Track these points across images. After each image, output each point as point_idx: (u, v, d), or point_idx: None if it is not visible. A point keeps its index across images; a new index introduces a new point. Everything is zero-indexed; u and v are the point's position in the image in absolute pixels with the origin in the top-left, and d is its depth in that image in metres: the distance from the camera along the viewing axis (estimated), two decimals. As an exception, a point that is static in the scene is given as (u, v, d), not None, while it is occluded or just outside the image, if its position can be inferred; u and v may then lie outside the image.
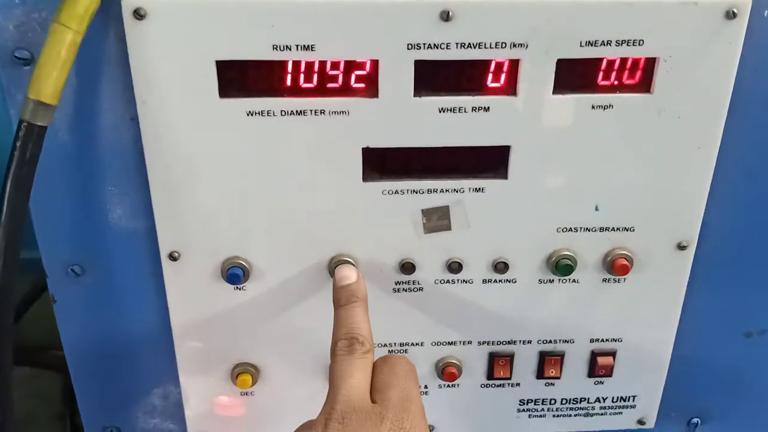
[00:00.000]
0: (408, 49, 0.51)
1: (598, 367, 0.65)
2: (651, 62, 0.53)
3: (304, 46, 0.51)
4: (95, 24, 0.49)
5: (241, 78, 0.52)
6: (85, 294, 0.60)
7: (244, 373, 0.63)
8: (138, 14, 0.49)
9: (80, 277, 0.60)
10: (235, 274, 0.58)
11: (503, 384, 0.67)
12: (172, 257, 0.58)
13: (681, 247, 0.60)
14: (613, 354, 0.65)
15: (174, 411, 0.67)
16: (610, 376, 0.66)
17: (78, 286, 0.60)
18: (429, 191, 0.57)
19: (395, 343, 0.64)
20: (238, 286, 0.59)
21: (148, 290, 0.60)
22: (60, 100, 0.48)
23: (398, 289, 0.61)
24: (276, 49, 0.51)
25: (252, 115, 0.53)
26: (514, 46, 0.51)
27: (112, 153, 0.55)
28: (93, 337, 0.63)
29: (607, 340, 0.65)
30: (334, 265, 0.59)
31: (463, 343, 0.64)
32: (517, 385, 0.67)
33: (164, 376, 0.65)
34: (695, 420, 0.71)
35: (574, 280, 0.61)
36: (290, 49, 0.51)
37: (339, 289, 0.55)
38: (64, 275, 0.59)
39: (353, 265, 0.58)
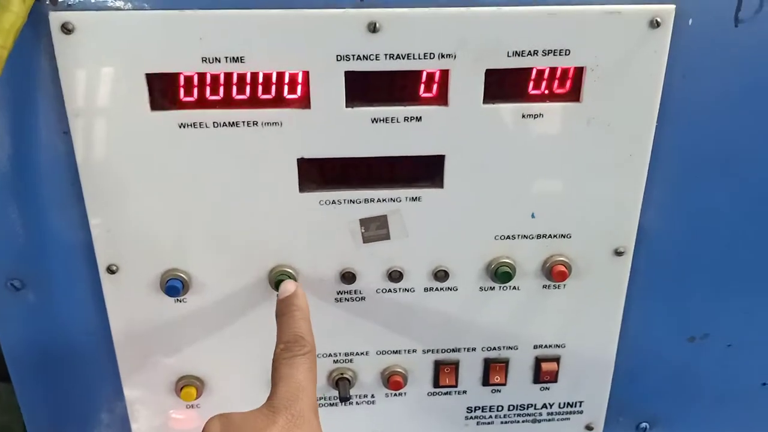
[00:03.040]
0: (337, 60, 0.52)
1: (543, 373, 0.66)
2: (579, 71, 0.54)
3: (234, 58, 0.51)
4: (25, 39, 0.49)
5: (171, 90, 0.52)
6: (26, 307, 0.60)
7: (189, 385, 0.63)
8: (66, 29, 0.49)
9: (20, 291, 0.59)
10: (173, 286, 0.58)
11: (450, 392, 0.67)
12: (110, 270, 0.58)
13: (618, 253, 0.61)
14: (557, 360, 0.65)
15: (120, 425, 0.66)
16: (556, 381, 0.66)
17: (18, 300, 0.60)
18: (366, 201, 0.57)
19: (340, 353, 0.64)
20: (179, 298, 0.59)
21: (89, 304, 0.60)
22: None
23: (340, 299, 0.61)
24: (205, 61, 0.51)
25: (184, 127, 0.53)
26: (443, 56, 0.52)
27: (47, 167, 0.55)
28: (36, 350, 0.62)
29: (550, 346, 0.65)
30: (274, 276, 0.59)
31: (408, 352, 0.64)
32: (464, 392, 0.67)
33: (110, 390, 0.65)
34: (644, 425, 0.71)
35: (514, 287, 0.62)
36: (219, 61, 0.51)
37: (279, 302, 0.55)
38: (4, 289, 0.59)
39: (293, 278, 0.59)
